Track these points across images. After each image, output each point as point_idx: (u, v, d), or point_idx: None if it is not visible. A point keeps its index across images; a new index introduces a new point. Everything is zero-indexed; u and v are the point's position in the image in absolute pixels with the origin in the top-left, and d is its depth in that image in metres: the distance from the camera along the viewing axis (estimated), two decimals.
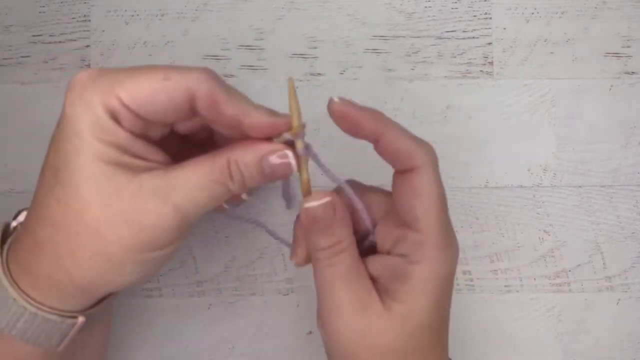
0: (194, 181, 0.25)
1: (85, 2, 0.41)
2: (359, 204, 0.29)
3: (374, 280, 0.28)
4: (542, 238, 0.41)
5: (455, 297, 0.41)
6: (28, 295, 0.26)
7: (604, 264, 0.41)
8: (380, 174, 0.41)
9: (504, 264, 0.41)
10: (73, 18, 0.41)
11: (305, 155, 0.27)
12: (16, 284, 0.26)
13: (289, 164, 0.26)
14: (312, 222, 0.28)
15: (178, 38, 0.41)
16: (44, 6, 0.41)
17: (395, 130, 0.28)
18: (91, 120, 0.24)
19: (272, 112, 0.27)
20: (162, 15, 0.42)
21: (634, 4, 0.42)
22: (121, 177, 0.24)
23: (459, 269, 0.41)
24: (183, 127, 0.28)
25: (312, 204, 0.27)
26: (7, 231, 0.29)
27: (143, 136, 0.26)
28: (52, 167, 0.25)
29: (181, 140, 0.30)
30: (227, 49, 0.42)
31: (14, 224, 0.29)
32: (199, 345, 0.40)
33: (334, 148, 0.41)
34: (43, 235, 0.25)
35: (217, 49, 0.41)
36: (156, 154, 0.26)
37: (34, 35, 0.41)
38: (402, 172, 0.28)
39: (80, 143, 0.24)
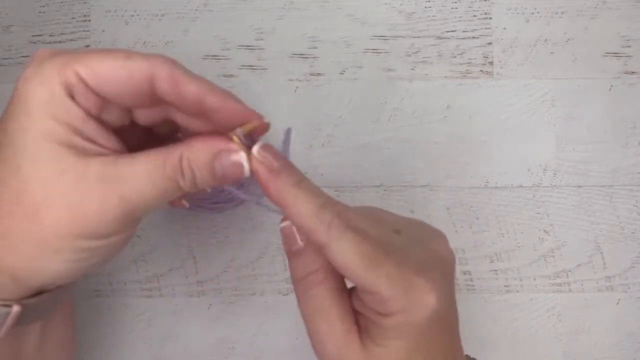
0: (144, 174, 0.24)
1: (85, 2, 0.41)
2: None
3: (357, 313, 0.27)
4: (542, 238, 0.41)
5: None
6: None
7: (604, 264, 0.41)
8: (378, 174, 0.41)
9: (504, 264, 0.41)
10: (73, 18, 0.41)
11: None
12: None
13: (241, 165, 0.25)
14: (287, 244, 0.27)
15: (178, 38, 0.41)
16: (44, 6, 0.41)
17: (297, 212, 0.26)
18: (44, 96, 0.23)
19: (236, 98, 0.25)
20: (162, 15, 0.42)
21: (634, 4, 0.42)
22: (68, 159, 0.23)
23: (459, 269, 0.41)
24: (143, 117, 0.27)
25: (286, 222, 0.27)
26: None
27: (98, 119, 0.25)
28: None
29: (143, 133, 0.29)
30: (227, 49, 0.42)
31: None
32: (199, 345, 0.40)
33: (333, 148, 0.41)
34: None
35: (217, 49, 0.41)
36: (110, 141, 0.25)
37: (34, 35, 0.41)
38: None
39: (29, 120, 0.23)
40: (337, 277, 0.27)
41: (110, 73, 0.24)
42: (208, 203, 0.39)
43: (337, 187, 0.41)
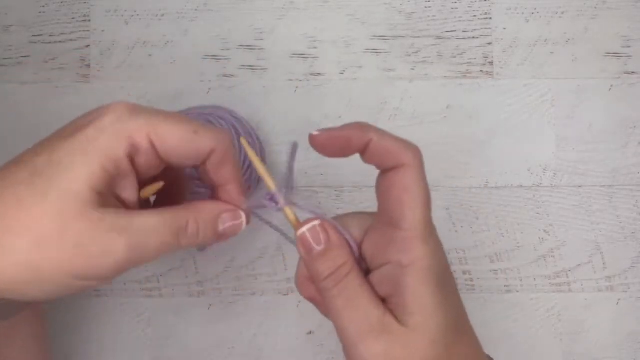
0: (152, 227, 0.26)
1: (85, 2, 0.41)
2: (342, 231, 0.28)
3: (384, 300, 0.27)
4: (542, 238, 0.41)
5: None
6: None
7: (604, 264, 0.41)
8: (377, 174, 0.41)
9: (504, 264, 0.41)
10: (73, 18, 0.41)
11: (285, 205, 0.29)
12: None
13: (240, 224, 0.29)
14: (308, 250, 0.28)
15: (178, 38, 0.41)
16: (44, 6, 0.41)
17: (382, 132, 0.28)
18: (108, 152, 0.25)
19: (238, 190, 0.29)
20: (162, 15, 0.42)
21: (634, 4, 0.42)
22: (92, 206, 0.25)
23: (459, 269, 0.41)
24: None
25: (302, 229, 0.28)
26: None
27: (139, 176, 0.27)
28: (31, 168, 0.25)
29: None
30: (227, 49, 0.42)
31: None
32: (199, 345, 0.40)
33: None
34: None
35: (217, 49, 0.41)
36: (133, 194, 0.27)
37: (34, 35, 0.41)
38: (389, 171, 0.28)
39: (82, 164, 0.25)
40: (358, 269, 0.28)
41: (180, 146, 0.26)
42: None
43: (337, 187, 0.41)
